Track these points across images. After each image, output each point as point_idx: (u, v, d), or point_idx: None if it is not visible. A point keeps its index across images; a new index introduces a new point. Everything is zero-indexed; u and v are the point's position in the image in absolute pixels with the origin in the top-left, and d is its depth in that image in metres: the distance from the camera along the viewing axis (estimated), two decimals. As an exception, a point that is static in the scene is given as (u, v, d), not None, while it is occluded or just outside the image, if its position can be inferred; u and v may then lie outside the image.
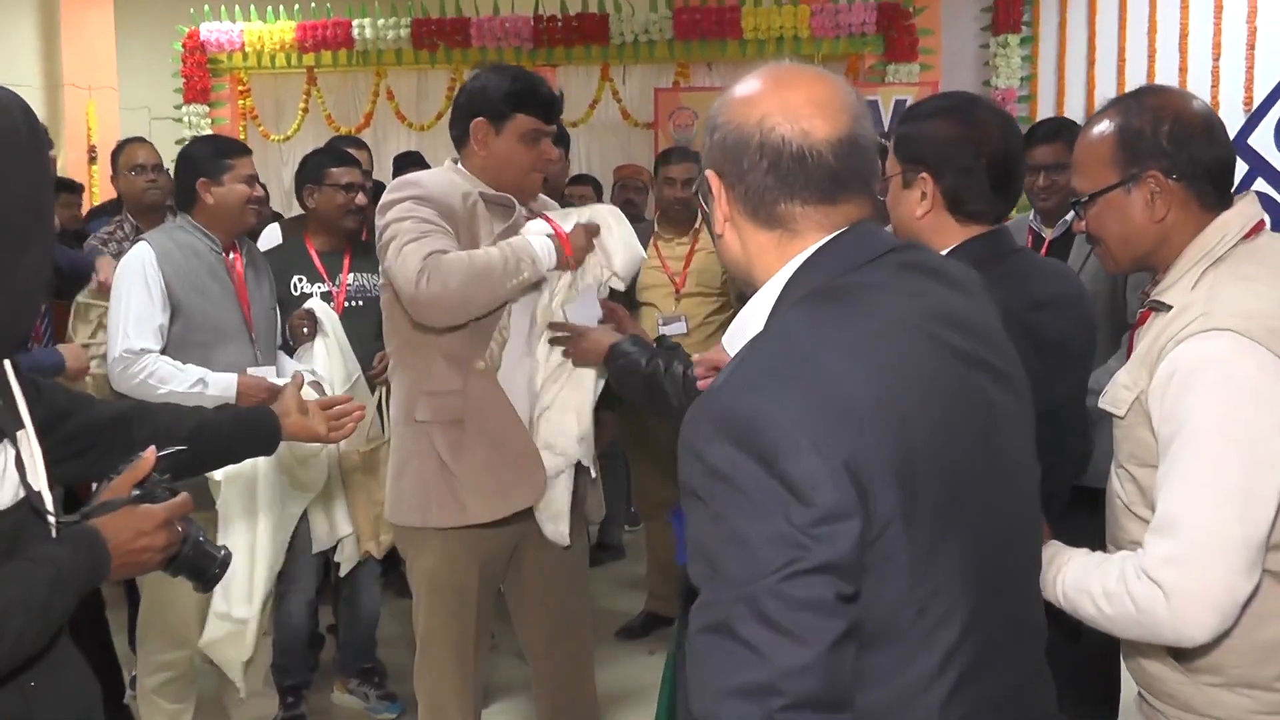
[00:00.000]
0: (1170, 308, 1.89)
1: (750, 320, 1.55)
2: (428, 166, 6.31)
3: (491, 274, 2.85)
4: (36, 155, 1.59)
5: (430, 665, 3.17)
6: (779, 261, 1.53)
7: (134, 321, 3.53)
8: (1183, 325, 1.81)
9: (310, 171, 4.30)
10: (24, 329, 1.65)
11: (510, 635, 3.92)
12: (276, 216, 5.25)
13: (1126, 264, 2.05)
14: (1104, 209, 1.99)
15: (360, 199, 4.22)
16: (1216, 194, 1.92)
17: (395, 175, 6.61)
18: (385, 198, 2.99)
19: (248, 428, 2.44)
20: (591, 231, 3.10)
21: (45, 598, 1.57)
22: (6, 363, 1.71)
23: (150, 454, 1.83)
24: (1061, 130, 3.79)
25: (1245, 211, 1.92)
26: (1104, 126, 1.99)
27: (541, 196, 3.27)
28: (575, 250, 3.03)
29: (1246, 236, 1.90)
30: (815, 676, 1.27)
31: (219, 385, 3.54)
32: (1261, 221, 1.92)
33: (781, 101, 1.50)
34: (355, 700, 4.51)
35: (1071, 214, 3.64)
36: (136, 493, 1.78)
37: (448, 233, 2.91)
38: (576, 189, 6.16)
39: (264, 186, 3.95)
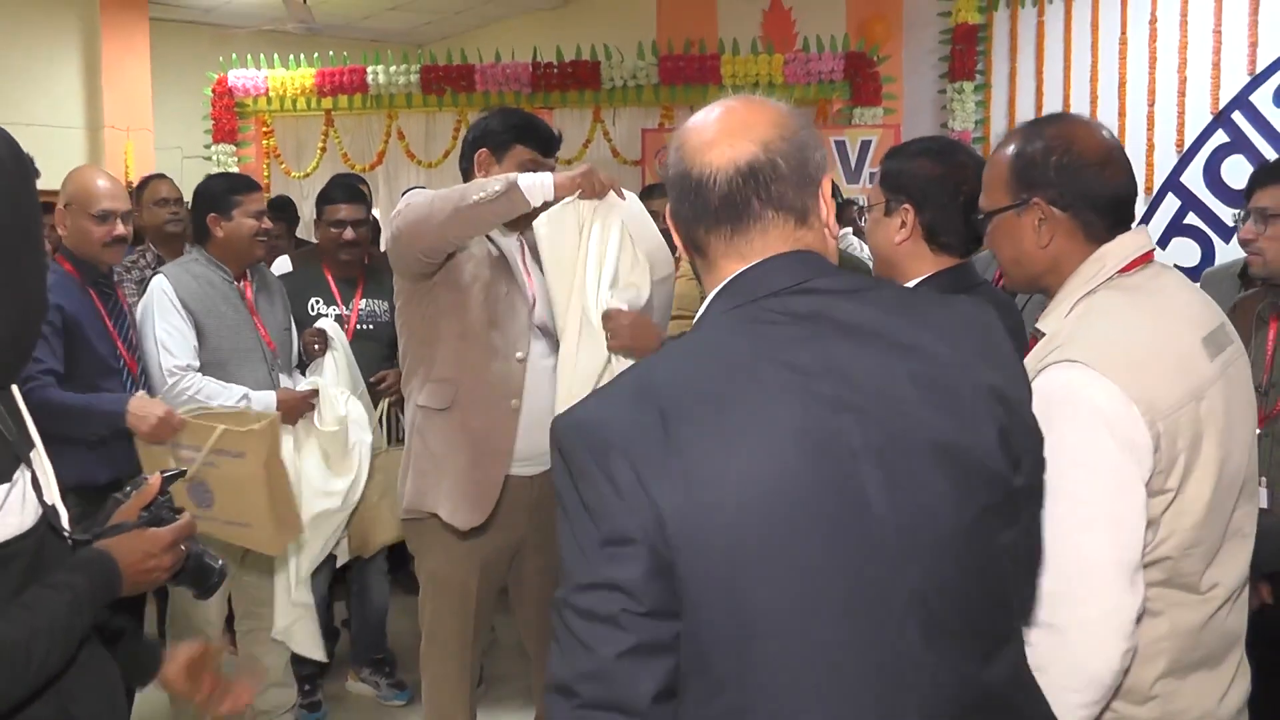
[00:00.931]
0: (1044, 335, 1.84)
1: None
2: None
3: (456, 192, 2.74)
4: (23, 182, 1.57)
5: (433, 655, 3.19)
6: (709, 291, 1.47)
7: (173, 340, 3.55)
8: (1045, 354, 1.75)
9: (316, 208, 4.35)
10: (24, 352, 1.63)
11: (510, 628, 3.91)
12: (302, 243, 5.25)
13: (1020, 284, 1.98)
14: (997, 229, 1.91)
15: (349, 234, 4.19)
16: (1105, 226, 1.82)
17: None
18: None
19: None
20: (597, 176, 2.78)
21: (66, 622, 1.57)
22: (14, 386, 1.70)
23: (156, 479, 1.83)
24: None
25: (1127, 244, 1.82)
26: (1006, 150, 1.92)
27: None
28: (564, 184, 2.73)
29: (1129, 268, 1.81)
30: (601, 683, 1.24)
31: (261, 401, 3.56)
32: (1148, 254, 1.84)
33: (694, 133, 1.45)
34: (368, 688, 4.51)
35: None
36: (145, 514, 1.79)
37: None
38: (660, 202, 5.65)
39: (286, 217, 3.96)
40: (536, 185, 2.68)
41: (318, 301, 4.14)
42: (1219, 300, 3.66)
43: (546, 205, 2.73)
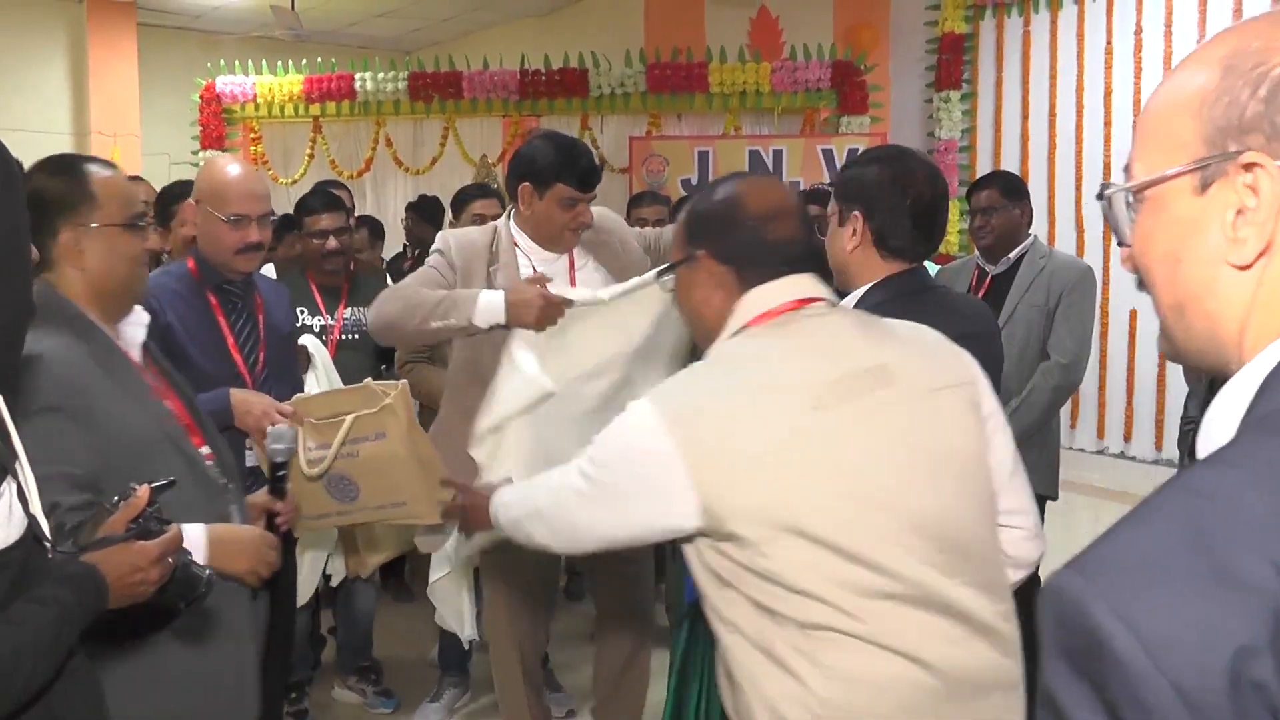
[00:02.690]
0: None
1: None
2: (440, 208, 6.26)
3: (419, 309, 2.95)
4: (10, 192, 1.55)
5: (494, 635, 3.42)
6: None
7: None
8: None
9: (295, 218, 4.25)
10: (7, 362, 1.60)
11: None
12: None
13: (699, 338, 1.92)
14: (678, 284, 1.90)
15: (332, 243, 4.08)
16: (770, 278, 1.78)
17: (410, 218, 6.61)
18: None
19: None
20: (545, 299, 2.85)
21: (52, 638, 1.55)
22: None
23: (144, 491, 1.79)
24: (995, 178, 3.92)
25: (768, 292, 1.78)
26: (685, 207, 1.97)
27: (610, 217, 3.34)
28: (517, 313, 2.85)
29: (775, 314, 1.77)
30: None
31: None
32: (802, 301, 1.78)
33: None
34: (354, 696, 4.47)
35: (1014, 252, 3.76)
36: (133, 527, 1.76)
37: (439, 279, 3.07)
38: (648, 210, 5.24)
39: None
40: (491, 311, 2.87)
41: (302, 312, 4.10)
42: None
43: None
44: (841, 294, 2.21)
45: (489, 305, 2.89)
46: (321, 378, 3.91)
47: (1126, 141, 5.51)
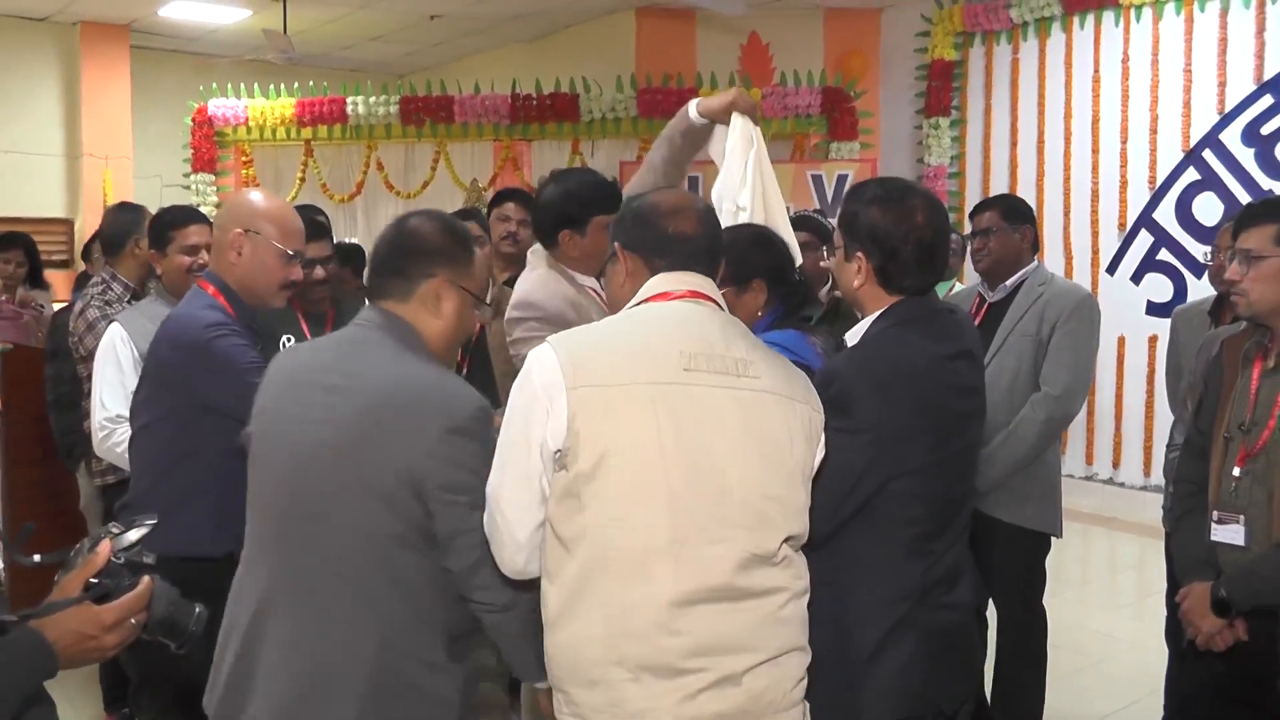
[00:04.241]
0: None
1: None
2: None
3: None
4: None
5: None
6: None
7: (107, 391, 3.41)
8: None
9: None
10: None
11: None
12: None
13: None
14: (605, 274, 2.24)
15: (318, 272, 3.84)
16: (667, 265, 2.06)
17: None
18: (512, 314, 3.22)
19: None
20: None
21: None
22: None
23: (105, 547, 1.67)
24: (997, 202, 3.86)
25: (654, 283, 2.06)
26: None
27: None
28: None
29: (658, 299, 2.05)
30: None
31: None
32: (689, 293, 2.05)
33: None
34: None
35: (1013, 279, 3.70)
36: (93, 584, 1.63)
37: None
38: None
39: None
40: None
41: (290, 339, 4.04)
42: (1190, 337, 3.66)
43: None
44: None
45: None
46: None
47: (1114, 168, 5.56)
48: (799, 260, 3.29)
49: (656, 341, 1.96)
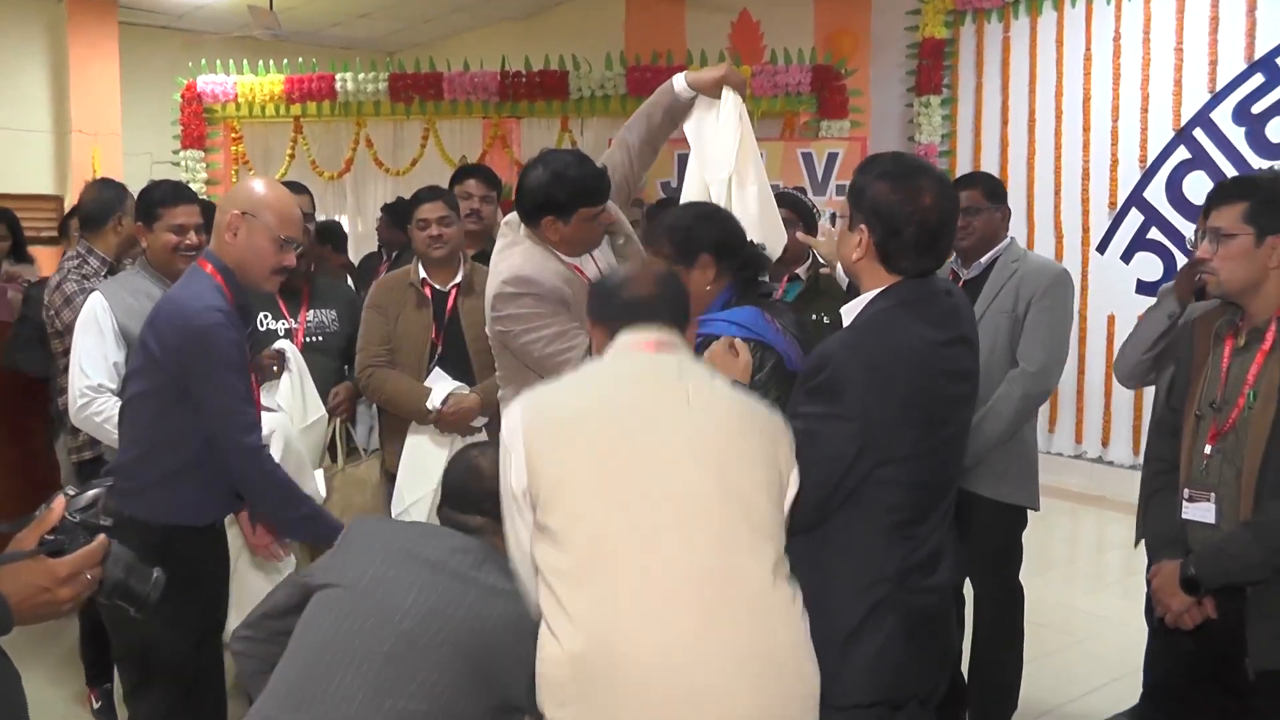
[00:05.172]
0: None
1: None
2: (401, 212, 6.25)
3: (560, 354, 3.07)
4: None
5: None
6: None
7: (87, 360, 3.42)
8: None
9: None
10: None
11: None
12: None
13: None
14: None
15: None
16: (627, 325, 2.24)
17: (382, 220, 6.56)
18: (503, 290, 3.15)
19: None
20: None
21: None
22: None
23: (59, 503, 1.70)
24: (977, 180, 3.84)
25: (627, 339, 2.21)
26: None
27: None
28: None
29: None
30: None
31: None
32: (650, 344, 2.19)
33: None
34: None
35: (987, 256, 3.70)
36: (49, 540, 1.66)
37: (566, 315, 3.12)
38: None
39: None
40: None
41: (266, 316, 4.04)
42: (1158, 316, 3.65)
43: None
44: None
45: None
46: (295, 381, 3.88)
47: (1105, 147, 5.55)
48: (783, 239, 3.31)
49: (610, 381, 2.14)
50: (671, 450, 2.01)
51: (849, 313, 2.32)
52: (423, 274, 3.98)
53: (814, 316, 3.54)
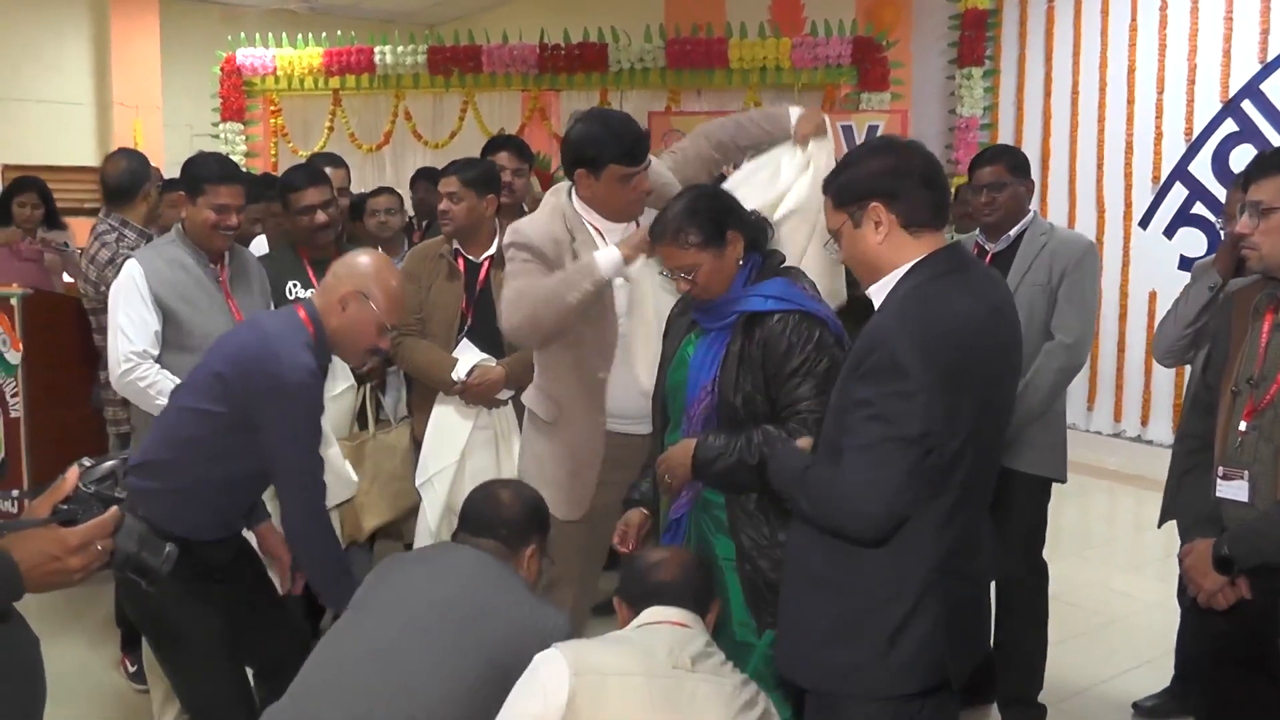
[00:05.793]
0: None
1: None
2: (437, 180, 6.29)
3: (553, 298, 3.11)
4: None
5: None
6: None
7: (131, 326, 3.44)
8: None
9: (280, 196, 4.14)
10: None
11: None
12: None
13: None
14: None
15: (320, 217, 4.02)
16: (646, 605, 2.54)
17: (412, 188, 6.59)
18: (506, 249, 3.30)
19: None
20: (641, 239, 3.12)
21: None
22: None
23: (72, 473, 1.71)
24: (1001, 154, 3.79)
25: (651, 615, 2.49)
26: None
27: (660, 172, 3.39)
28: (630, 250, 3.13)
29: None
30: None
31: None
32: (673, 623, 2.45)
33: None
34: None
35: (1015, 229, 3.66)
36: (62, 509, 1.67)
37: (538, 269, 3.18)
38: None
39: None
40: (612, 266, 3.12)
41: (296, 285, 4.05)
42: (1199, 289, 3.59)
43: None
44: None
45: (608, 257, 3.12)
46: None
47: (1149, 119, 5.44)
48: (841, 296, 3.31)
49: (643, 647, 2.34)
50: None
51: (878, 293, 2.23)
52: (456, 245, 3.97)
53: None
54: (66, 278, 5.87)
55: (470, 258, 3.97)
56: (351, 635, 2.42)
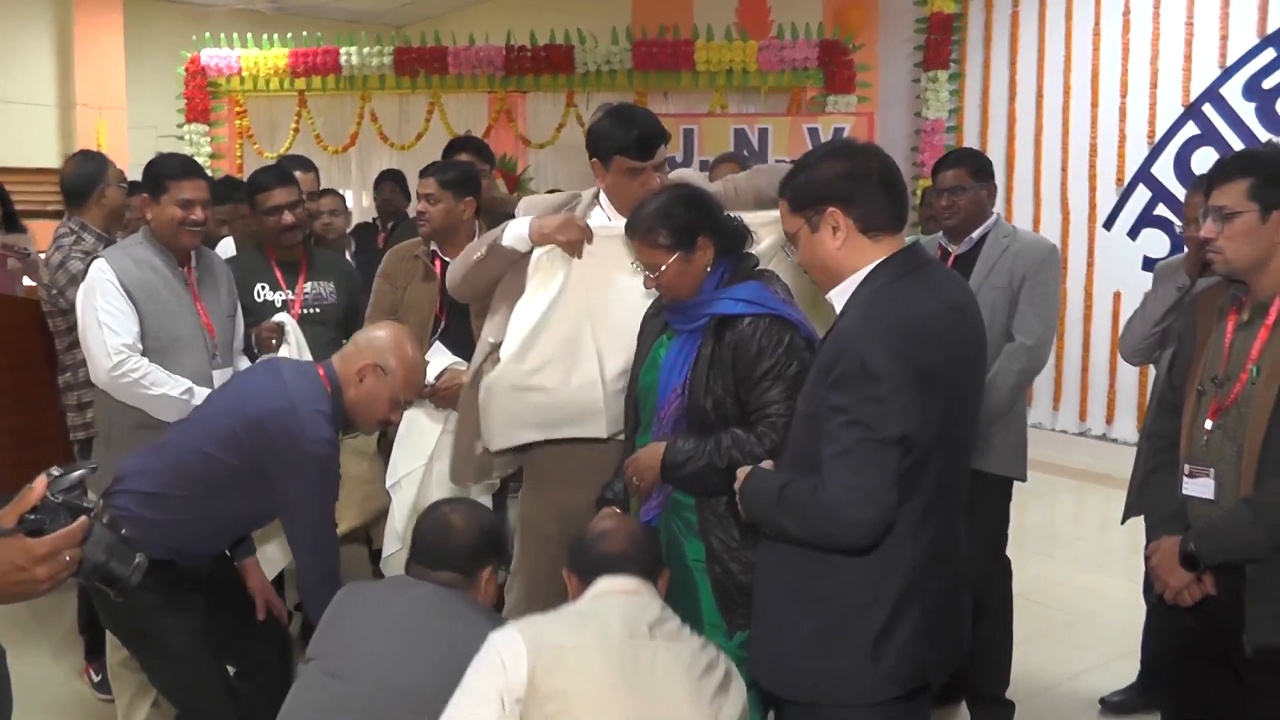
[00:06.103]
0: None
1: None
2: (405, 183, 6.30)
3: (469, 252, 3.31)
4: None
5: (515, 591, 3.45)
6: None
7: (115, 320, 3.41)
8: None
9: (248, 196, 4.12)
10: None
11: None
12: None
13: None
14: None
15: (287, 218, 4.01)
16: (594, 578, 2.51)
17: (375, 190, 6.58)
18: None
19: None
20: (557, 226, 3.17)
21: None
22: None
23: (40, 483, 1.68)
24: (964, 158, 3.83)
25: (601, 585, 2.45)
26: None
27: (689, 177, 3.39)
28: (539, 233, 3.17)
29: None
30: None
31: (203, 397, 3.40)
32: (621, 592, 2.43)
33: None
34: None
35: (977, 231, 3.69)
36: (30, 519, 1.64)
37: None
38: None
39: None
40: (516, 238, 3.19)
41: (264, 287, 4.02)
42: (1167, 290, 3.63)
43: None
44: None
45: (516, 228, 3.20)
46: (294, 354, 3.86)
47: (1113, 123, 5.49)
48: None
49: (599, 619, 2.32)
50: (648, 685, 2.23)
51: (838, 297, 2.23)
52: (432, 246, 3.96)
53: None
54: (27, 280, 5.80)
55: (447, 259, 3.95)
56: (320, 696, 2.45)
